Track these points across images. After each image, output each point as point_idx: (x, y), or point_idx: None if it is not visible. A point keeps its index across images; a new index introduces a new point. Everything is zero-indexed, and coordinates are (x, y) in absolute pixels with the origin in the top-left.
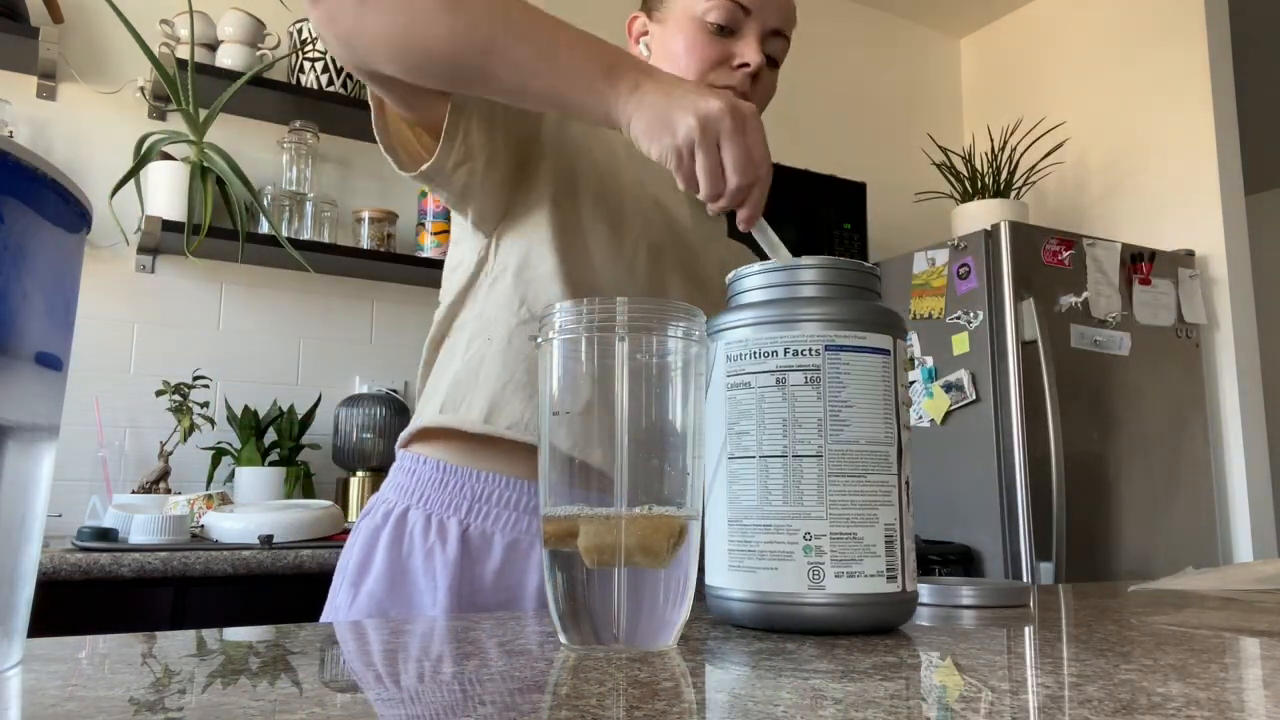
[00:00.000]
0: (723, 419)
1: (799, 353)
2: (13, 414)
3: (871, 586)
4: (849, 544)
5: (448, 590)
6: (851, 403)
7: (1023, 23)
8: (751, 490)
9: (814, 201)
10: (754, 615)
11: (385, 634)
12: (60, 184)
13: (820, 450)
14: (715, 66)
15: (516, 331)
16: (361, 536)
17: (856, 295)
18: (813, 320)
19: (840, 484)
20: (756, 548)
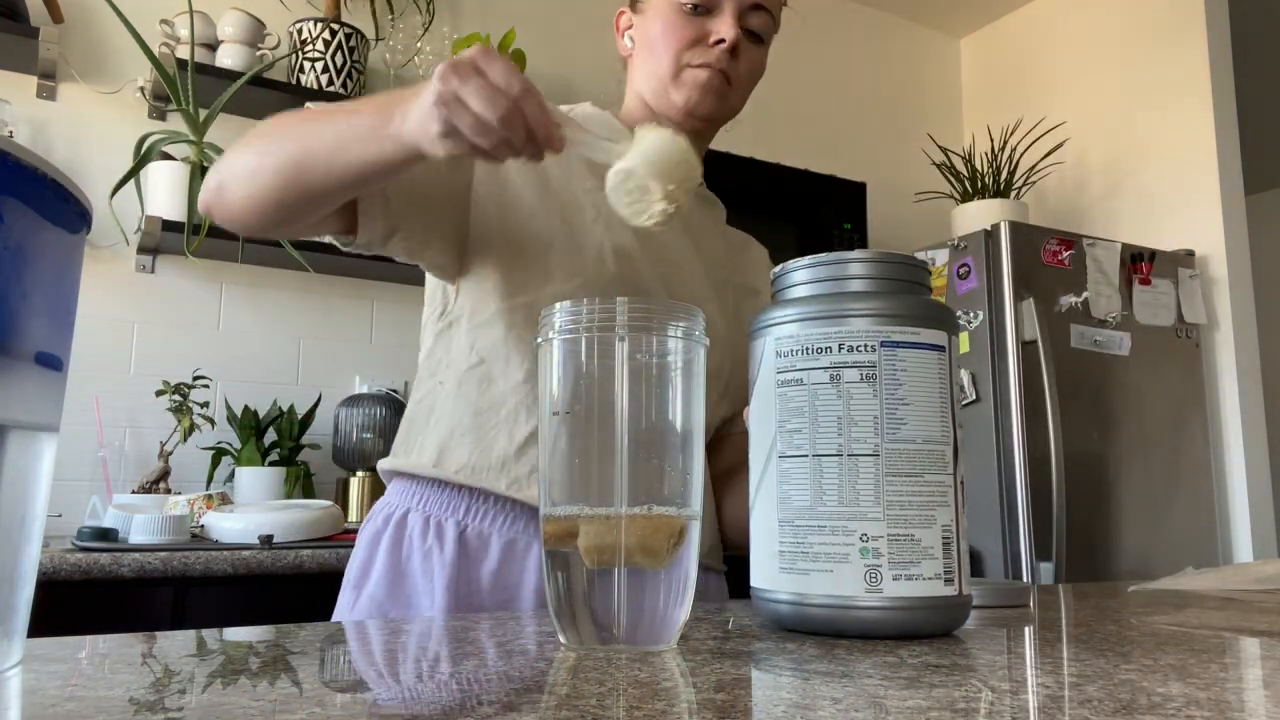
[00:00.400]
0: (772, 416)
1: (854, 349)
2: (13, 414)
3: (929, 590)
4: (907, 546)
5: (445, 590)
6: (908, 400)
7: (1023, 23)
8: (804, 490)
9: (814, 201)
10: (806, 619)
11: (386, 634)
12: (60, 184)
13: (877, 449)
14: (690, 45)
15: (466, 376)
16: (364, 541)
17: (908, 290)
18: (866, 315)
19: (898, 484)
20: (810, 549)
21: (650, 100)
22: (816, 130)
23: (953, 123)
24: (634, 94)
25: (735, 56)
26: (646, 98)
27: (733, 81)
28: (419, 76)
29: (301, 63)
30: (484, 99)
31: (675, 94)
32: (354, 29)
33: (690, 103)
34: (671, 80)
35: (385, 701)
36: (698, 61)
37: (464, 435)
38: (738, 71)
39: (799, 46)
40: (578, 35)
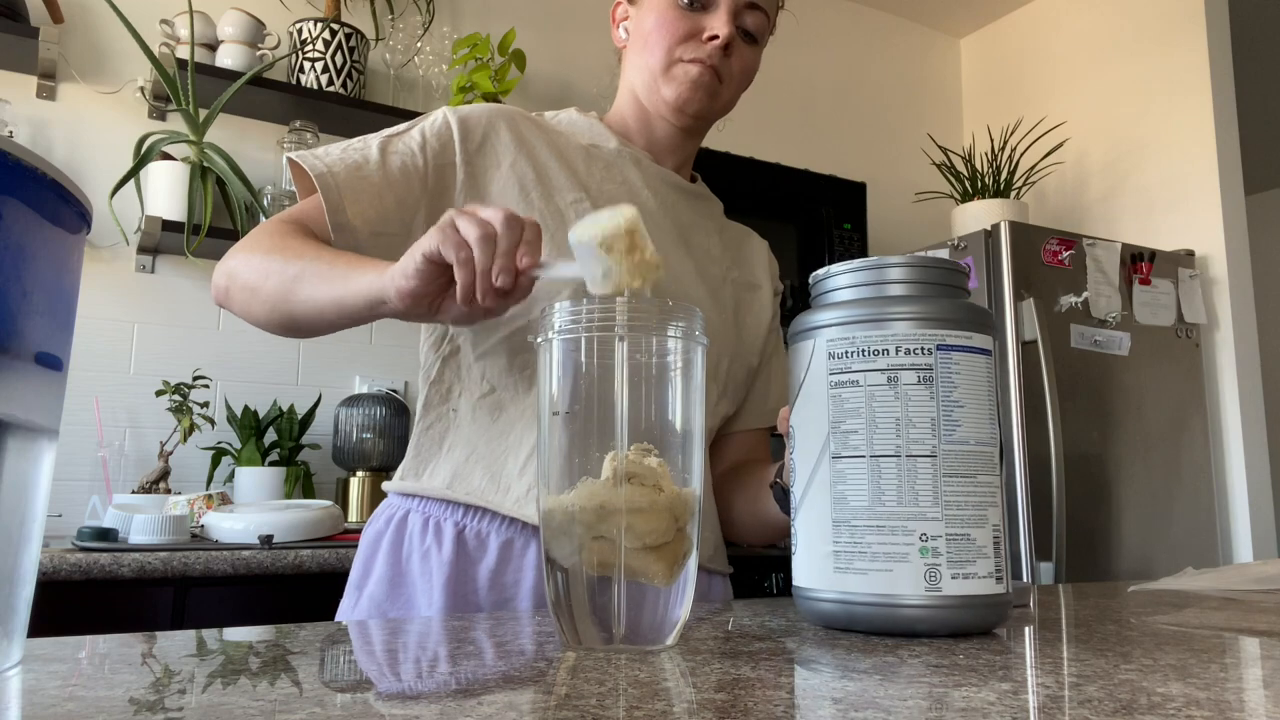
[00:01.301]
0: (825, 417)
1: (911, 351)
2: (13, 413)
3: (984, 588)
4: (964, 545)
5: (443, 589)
6: (962, 403)
7: (1023, 23)
8: (861, 490)
9: (814, 201)
10: (864, 618)
11: (386, 634)
12: (60, 184)
13: (934, 450)
14: (684, 40)
15: (479, 405)
16: (366, 542)
17: (953, 294)
18: (921, 319)
19: (954, 484)
20: (868, 549)
21: (641, 94)
22: (816, 130)
23: (953, 123)
24: (626, 87)
25: (728, 54)
26: (637, 91)
27: (724, 79)
28: (419, 76)
29: (301, 63)
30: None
31: (666, 89)
32: (354, 29)
33: (680, 98)
34: (663, 74)
35: (385, 701)
36: (690, 56)
37: (477, 462)
38: (730, 69)
39: (799, 46)
40: (578, 35)
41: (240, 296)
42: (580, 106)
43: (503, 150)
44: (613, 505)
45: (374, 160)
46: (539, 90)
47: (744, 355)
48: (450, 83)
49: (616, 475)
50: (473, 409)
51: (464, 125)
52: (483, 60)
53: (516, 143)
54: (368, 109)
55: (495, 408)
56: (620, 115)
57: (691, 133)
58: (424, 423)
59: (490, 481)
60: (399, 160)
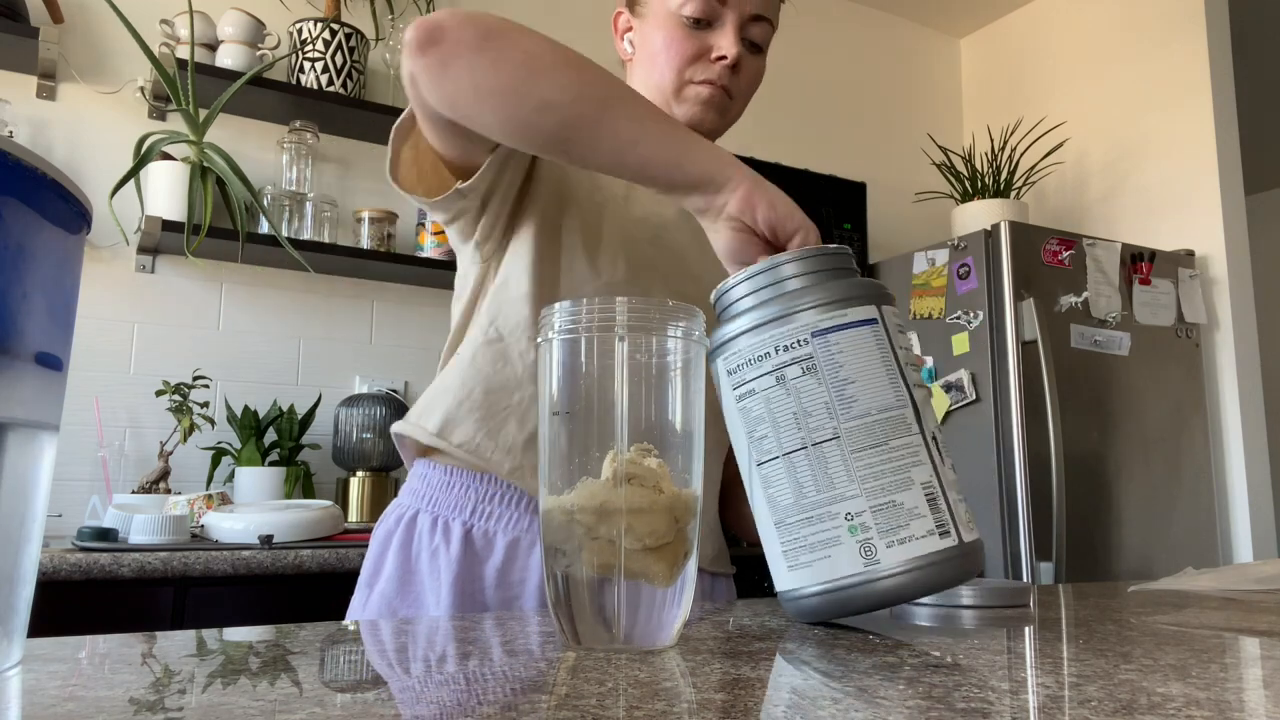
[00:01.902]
0: (742, 431)
1: (788, 346)
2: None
3: (926, 548)
4: (892, 512)
5: (450, 588)
6: (853, 379)
7: (1023, 23)
8: (785, 489)
9: (814, 201)
10: (825, 607)
11: (386, 634)
12: (60, 184)
13: (836, 431)
14: (693, 62)
15: (481, 350)
16: (376, 541)
17: (833, 277)
18: (795, 312)
19: (865, 457)
20: (805, 542)
21: None
22: (816, 130)
23: (953, 123)
24: None
25: (737, 71)
26: None
27: (734, 95)
28: None
29: (301, 63)
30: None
31: (678, 109)
32: (354, 29)
33: (693, 119)
34: (674, 95)
35: (385, 701)
36: (700, 78)
37: (472, 410)
38: (739, 85)
39: (799, 46)
40: (578, 35)
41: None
42: None
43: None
44: (613, 506)
45: None
46: None
47: None
48: None
49: (616, 476)
50: (474, 353)
51: None
52: None
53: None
54: (368, 109)
55: (499, 358)
56: None
57: None
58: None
59: (486, 437)
60: None
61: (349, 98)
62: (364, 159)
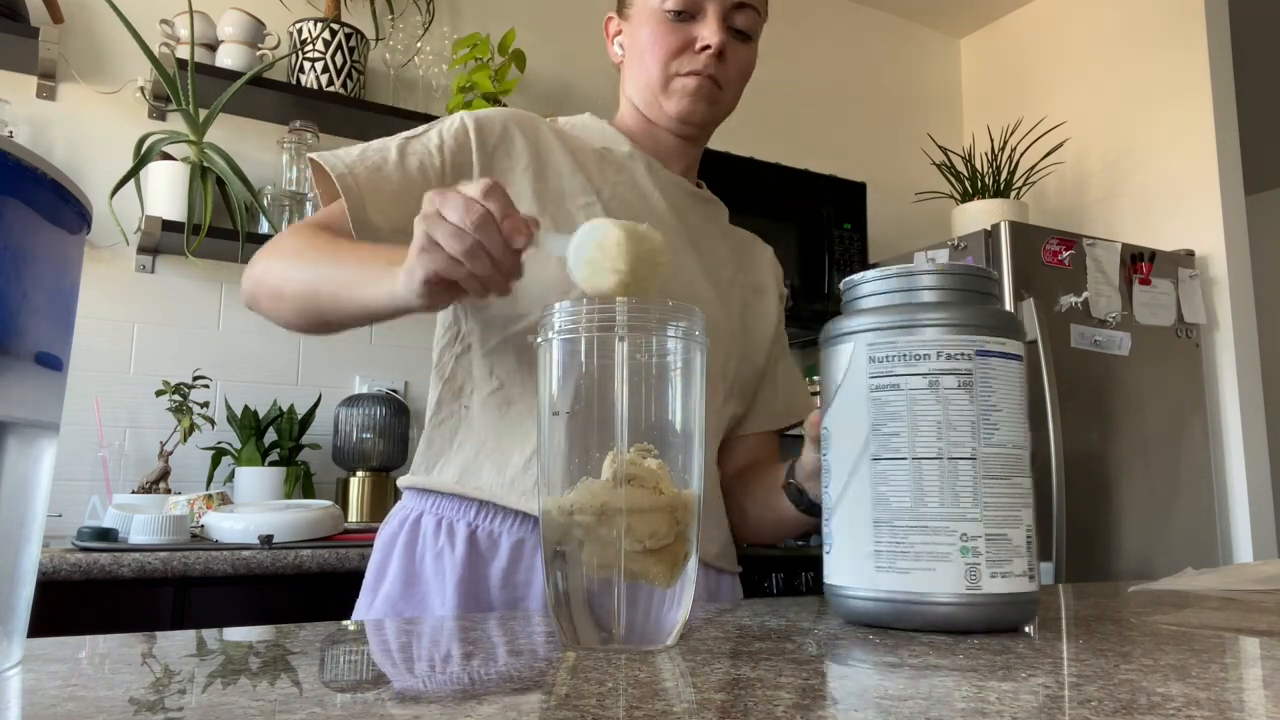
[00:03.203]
0: (866, 420)
1: (952, 356)
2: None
3: (1019, 586)
4: (1001, 545)
5: (455, 589)
6: (999, 407)
7: (1023, 23)
8: (903, 491)
9: (814, 201)
10: (906, 616)
11: (386, 635)
12: (60, 184)
13: (974, 453)
14: (678, 54)
15: (488, 400)
16: (381, 544)
17: (987, 301)
18: (965, 325)
19: (993, 486)
20: (911, 549)
21: (642, 108)
22: (816, 130)
23: (953, 123)
24: (627, 100)
25: (723, 60)
26: (639, 105)
27: (723, 84)
28: (419, 76)
29: (301, 63)
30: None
31: (667, 103)
32: (354, 29)
33: (683, 111)
34: (662, 90)
35: (385, 702)
36: (686, 70)
37: (487, 457)
38: (727, 74)
39: (799, 46)
40: (578, 35)
41: (268, 301)
42: (594, 112)
43: (517, 154)
44: (613, 507)
45: (393, 160)
46: (539, 90)
47: (751, 357)
48: (450, 83)
49: (616, 477)
50: (482, 405)
51: (480, 128)
52: (483, 60)
53: (531, 147)
54: (368, 109)
55: (504, 403)
56: (625, 125)
57: (695, 140)
58: (436, 419)
59: (497, 475)
60: (417, 160)
61: (349, 98)
62: None
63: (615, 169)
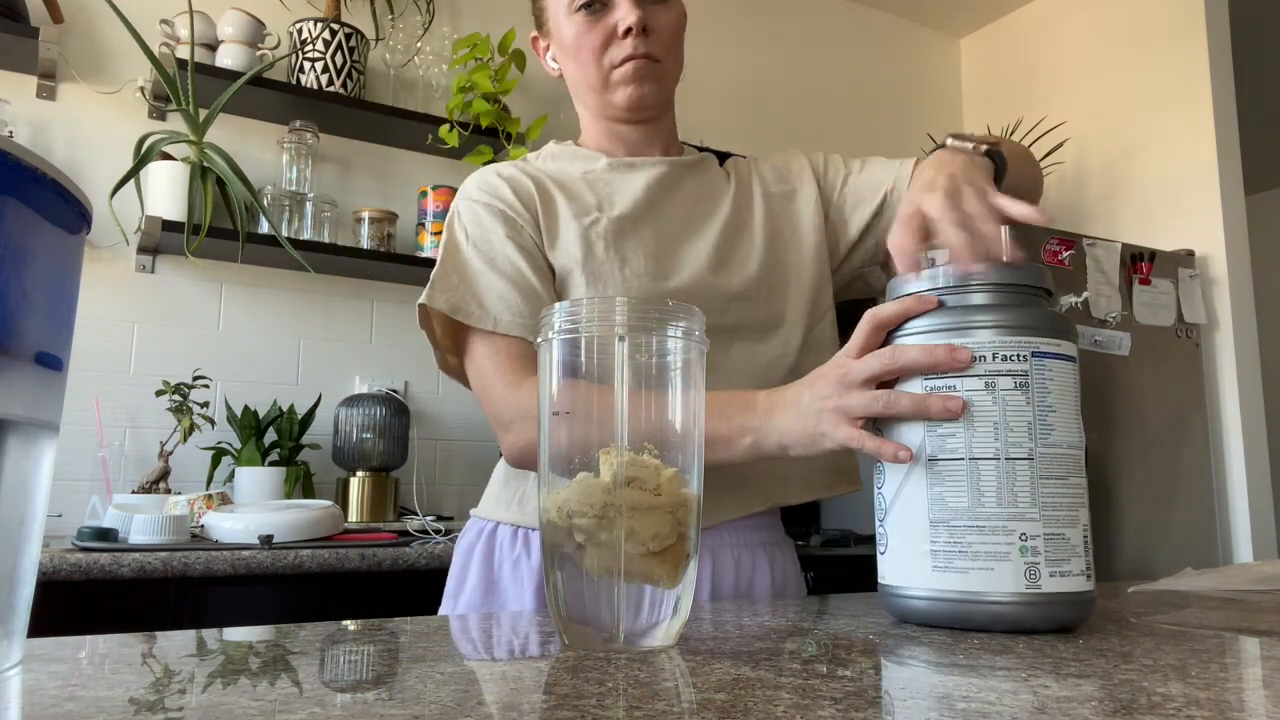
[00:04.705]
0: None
1: (1008, 358)
2: (13, 413)
3: (1077, 585)
4: (1060, 544)
5: (534, 594)
6: (1055, 408)
7: (1023, 23)
8: (960, 492)
9: None
10: (962, 615)
11: (385, 635)
12: (60, 184)
13: (1031, 453)
14: (605, 47)
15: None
16: (460, 553)
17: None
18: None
19: (1050, 486)
20: (969, 549)
21: (596, 110)
22: (817, 130)
23: (953, 123)
24: (582, 108)
25: (649, 33)
26: (591, 109)
27: (660, 56)
28: (419, 76)
29: (301, 63)
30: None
31: (614, 97)
32: (354, 29)
33: (630, 99)
34: (604, 87)
35: (385, 702)
36: (620, 58)
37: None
38: (661, 43)
39: (799, 46)
40: None
41: None
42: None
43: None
44: (613, 507)
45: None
46: (539, 90)
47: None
48: (450, 83)
49: (616, 477)
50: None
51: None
52: (483, 60)
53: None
54: (368, 109)
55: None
56: (592, 136)
57: (659, 120)
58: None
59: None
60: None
61: (349, 98)
62: (364, 159)
63: (603, 183)
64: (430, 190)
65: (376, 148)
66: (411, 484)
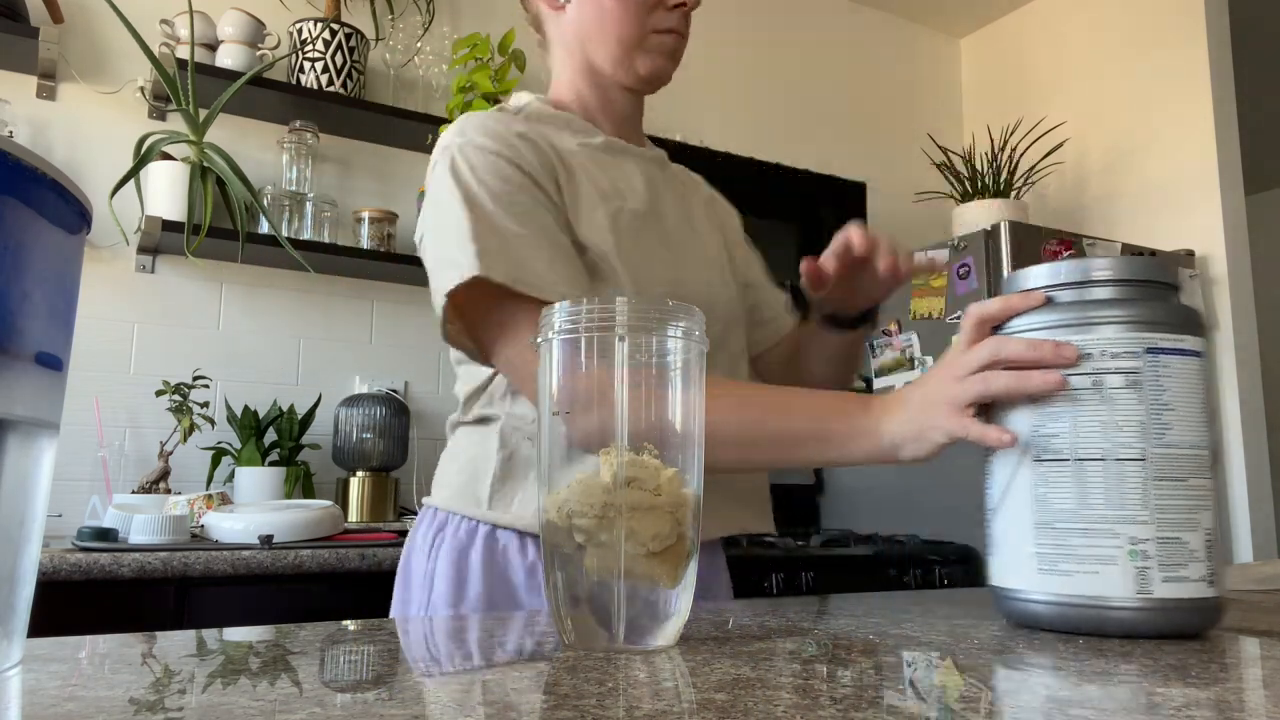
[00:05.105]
0: (1026, 422)
1: (1117, 354)
2: (13, 413)
3: (1195, 591)
4: (1175, 548)
5: None
6: (1173, 406)
7: (1023, 23)
8: (1066, 493)
9: (814, 201)
10: (1070, 619)
11: (385, 635)
12: (60, 184)
13: (1143, 454)
14: (653, 9)
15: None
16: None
17: (1164, 294)
18: (1132, 322)
19: (1164, 488)
20: (1074, 551)
21: (605, 66)
22: (816, 130)
23: (953, 123)
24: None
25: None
26: (598, 64)
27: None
28: (419, 76)
29: (301, 63)
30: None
31: (640, 61)
32: (354, 29)
33: (654, 70)
34: (637, 47)
35: (385, 702)
36: (664, 26)
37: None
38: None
39: (799, 47)
40: None
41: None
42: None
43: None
44: (613, 507)
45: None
46: (538, 90)
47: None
48: (450, 83)
49: (616, 477)
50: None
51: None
52: (483, 60)
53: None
54: (368, 109)
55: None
56: (575, 93)
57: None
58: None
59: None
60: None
61: (349, 98)
62: (364, 159)
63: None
64: None
65: (376, 148)
66: (411, 484)
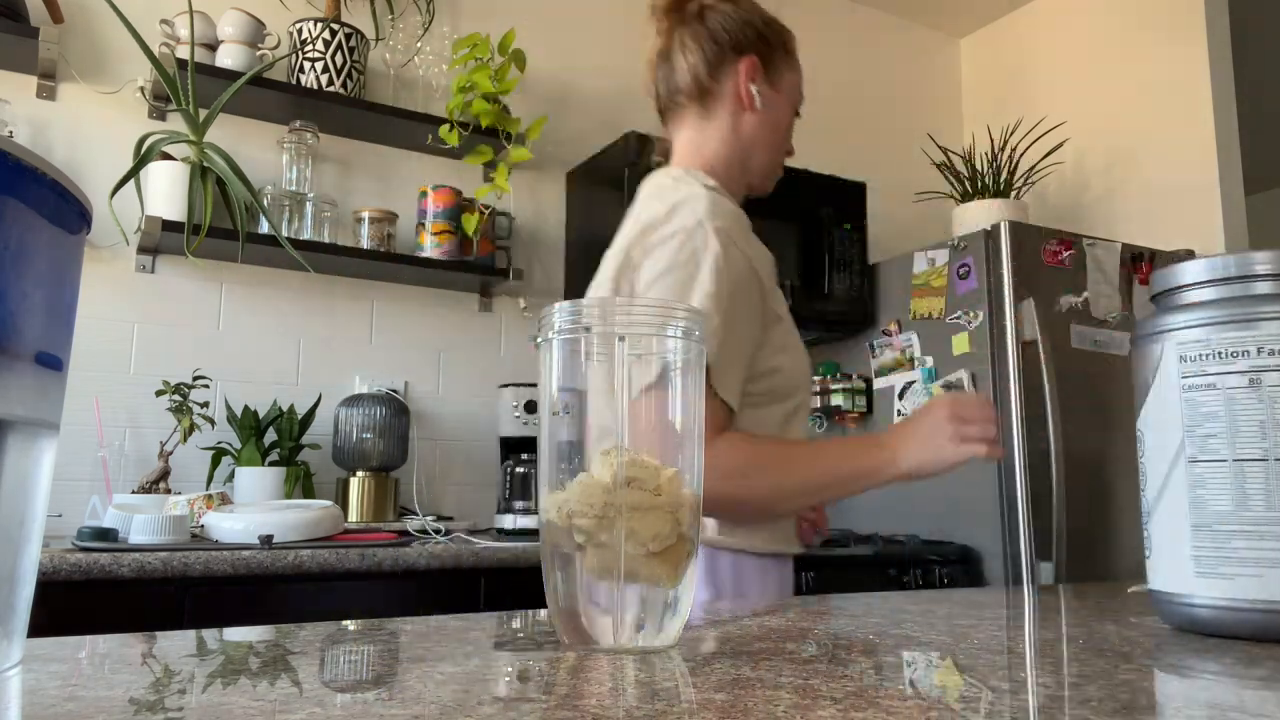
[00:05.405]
0: (1179, 421)
1: (1275, 351)
2: (13, 413)
3: None
4: None
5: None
6: None
7: (1023, 23)
8: (1223, 495)
9: (814, 201)
10: (1234, 623)
11: (385, 635)
12: (60, 184)
13: None
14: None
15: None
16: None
17: None
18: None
19: None
20: (1234, 554)
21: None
22: (816, 130)
23: (953, 123)
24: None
25: None
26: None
27: None
28: (419, 76)
29: (301, 63)
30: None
31: (760, 181)
32: (354, 29)
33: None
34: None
35: (385, 702)
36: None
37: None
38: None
39: (799, 46)
40: (578, 35)
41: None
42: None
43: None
44: (613, 508)
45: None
46: (539, 90)
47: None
48: (450, 83)
49: (616, 478)
50: None
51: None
52: (483, 60)
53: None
54: (368, 109)
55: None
56: (727, 175)
57: None
58: None
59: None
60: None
61: (349, 98)
62: (364, 159)
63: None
64: (430, 190)
65: (376, 148)
66: (411, 484)
